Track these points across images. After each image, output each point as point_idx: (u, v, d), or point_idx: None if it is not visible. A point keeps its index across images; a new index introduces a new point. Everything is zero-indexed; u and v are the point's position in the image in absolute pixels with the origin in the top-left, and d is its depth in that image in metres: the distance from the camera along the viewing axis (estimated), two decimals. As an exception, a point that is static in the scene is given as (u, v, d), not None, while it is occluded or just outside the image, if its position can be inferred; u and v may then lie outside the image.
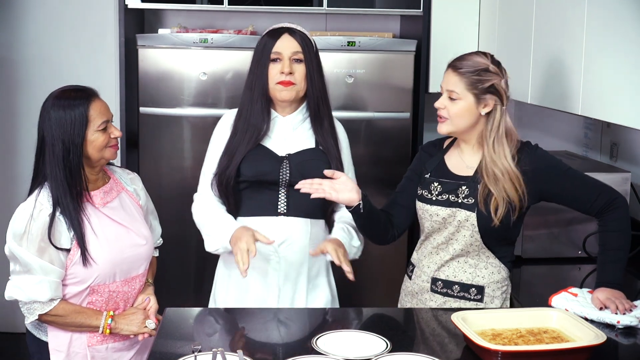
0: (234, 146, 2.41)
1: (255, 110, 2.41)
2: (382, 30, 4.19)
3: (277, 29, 2.43)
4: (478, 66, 2.25)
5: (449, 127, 2.31)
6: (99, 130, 2.22)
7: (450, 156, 2.40)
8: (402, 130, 3.76)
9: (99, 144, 2.22)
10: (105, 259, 2.23)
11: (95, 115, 2.21)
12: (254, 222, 2.38)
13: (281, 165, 2.40)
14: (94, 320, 2.24)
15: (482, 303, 2.35)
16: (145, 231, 2.39)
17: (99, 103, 2.25)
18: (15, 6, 4.19)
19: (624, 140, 3.08)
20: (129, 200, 2.39)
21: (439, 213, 2.32)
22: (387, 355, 1.87)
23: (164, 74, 3.67)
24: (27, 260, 2.15)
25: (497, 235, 2.30)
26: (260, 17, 4.16)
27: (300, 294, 2.43)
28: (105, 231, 2.26)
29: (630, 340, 2.04)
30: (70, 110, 2.18)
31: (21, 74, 4.24)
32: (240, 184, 2.42)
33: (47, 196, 2.19)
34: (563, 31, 2.66)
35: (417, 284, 2.42)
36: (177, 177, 3.74)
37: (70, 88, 2.26)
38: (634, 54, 2.18)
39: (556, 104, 2.72)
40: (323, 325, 2.15)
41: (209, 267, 3.83)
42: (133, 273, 2.32)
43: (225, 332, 2.10)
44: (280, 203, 2.40)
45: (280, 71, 2.37)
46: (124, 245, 2.28)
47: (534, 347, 1.87)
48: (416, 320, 2.21)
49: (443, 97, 2.30)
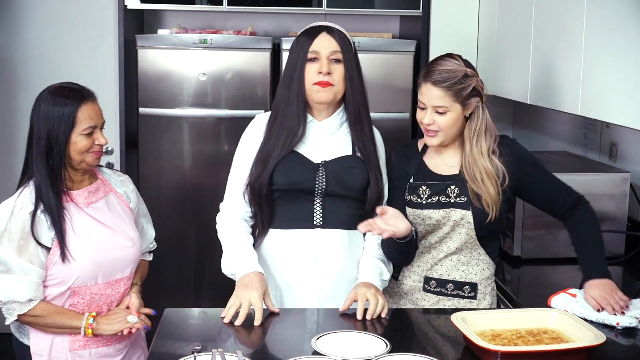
0: (268, 152, 2.28)
1: (290, 112, 2.28)
2: (382, 30, 4.20)
3: (315, 27, 2.31)
4: (457, 74, 2.23)
5: (441, 139, 2.29)
6: (83, 134, 2.19)
7: (429, 157, 2.39)
8: (402, 131, 3.76)
9: (80, 147, 2.19)
10: (85, 259, 2.19)
11: (83, 118, 2.18)
12: (289, 235, 2.29)
13: (317, 173, 2.28)
14: (75, 321, 2.19)
15: (476, 300, 2.35)
16: (133, 234, 2.33)
17: (91, 107, 2.22)
18: (15, 6, 4.19)
19: (623, 140, 3.08)
20: (117, 202, 2.35)
21: (432, 216, 2.31)
22: (387, 355, 1.87)
23: (163, 74, 3.67)
24: (6, 259, 2.13)
25: (491, 230, 2.32)
26: (259, 18, 4.16)
27: (339, 305, 2.28)
28: (88, 231, 2.22)
29: (629, 340, 2.04)
30: (59, 108, 2.16)
31: (21, 74, 4.24)
32: (273, 193, 2.29)
33: (30, 194, 2.17)
34: (562, 31, 2.66)
35: (406, 285, 2.41)
36: (177, 177, 3.74)
37: (67, 86, 2.24)
38: (633, 53, 2.18)
39: (555, 104, 2.72)
40: (323, 325, 2.15)
41: (208, 267, 3.84)
42: (117, 275, 2.28)
43: (224, 332, 2.09)
44: (316, 214, 2.29)
45: (317, 71, 2.25)
46: (107, 246, 2.24)
47: (533, 348, 1.87)
48: (416, 321, 2.21)
49: (430, 113, 2.26)
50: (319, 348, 1.90)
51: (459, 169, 2.33)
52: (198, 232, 3.81)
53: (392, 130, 3.75)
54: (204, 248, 3.84)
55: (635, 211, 2.90)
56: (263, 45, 3.68)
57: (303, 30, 2.34)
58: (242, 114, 3.69)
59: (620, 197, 2.84)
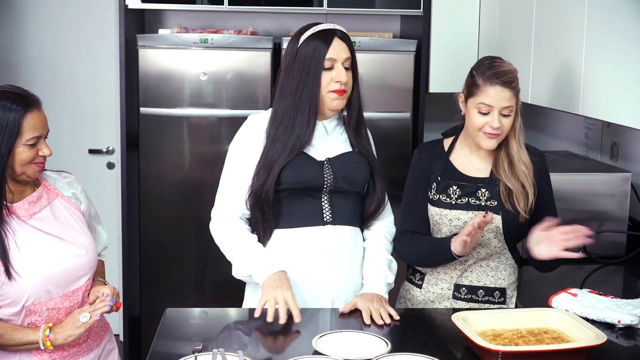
0: (272, 158, 2.23)
1: (301, 120, 2.22)
2: (382, 30, 4.19)
3: (326, 31, 2.24)
4: (516, 74, 2.24)
5: (499, 140, 2.27)
6: (27, 145, 2.03)
7: (455, 157, 2.36)
8: (402, 130, 3.76)
9: (23, 159, 2.03)
10: (34, 275, 2.03)
11: (28, 128, 2.02)
12: (300, 233, 2.27)
13: (323, 170, 2.27)
14: (31, 336, 2.03)
15: (505, 305, 2.34)
16: (85, 240, 2.17)
17: (36, 115, 2.05)
18: (16, 6, 4.19)
19: (625, 140, 3.08)
20: (65, 208, 2.18)
21: (460, 217, 2.29)
22: (388, 355, 1.87)
23: (164, 74, 3.67)
24: None
25: (518, 233, 2.30)
26: (260, 18, 4.16)
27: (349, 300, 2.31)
28: (33, 245, 2.06)
29: (630, 341, 2.04)
30: (2, 114, 2.00)
31: (21, 75, 4.24)
32: (280, 192, 2.25)
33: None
34: (563, 31, 2.66)
35: (433, 293, 2.38)
36: (178, 177, 3.74)
37: (10, 90, 2.06)
38: (634, 53, 2.18)
39: (557, 104, 2.72)
40: (324, 325, 2.15)
41: (209, 267, 3.84)
42: (73, 287, 2.12)
43: (225, 332, 2.09)
44: (325, 211, 2.28)
45: (336, 80, 2.21)
46: (58, 258, 2.08)
47: (534, 348, 1.87)
48: (416, 321, 2.21)
49: (497, 117, 2.21)
50: (320, 348, 1.90)
51: (489, 172, 2.31)
52: (199, 231, 3.81)
53: (392, 130, 3.75)
54: (204, 248, 3.84)
55: (636, 211, 2.89)
56: (264, 45, 3.68)
57: (310, 33, 2.25)
58: (243, 113, 3.68)
59: (621, 196, 2.84)
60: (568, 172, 2.87)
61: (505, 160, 2.28)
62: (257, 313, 2.08)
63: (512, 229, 2.27)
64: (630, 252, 2.82)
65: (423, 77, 3.76)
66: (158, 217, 3.76)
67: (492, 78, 2.20)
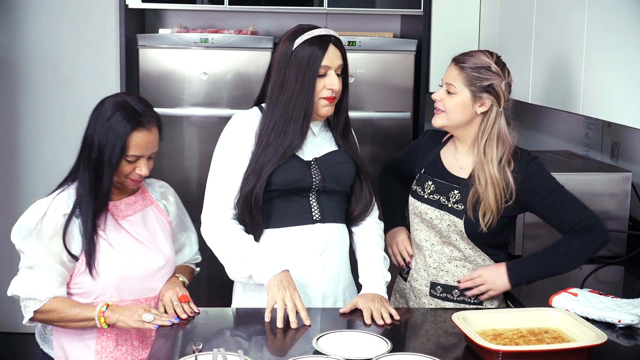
0: (262, 163, 2.22)
1: (294, 127, 2.21)
2: (383, 30, 4.19)
3: (322, 37, 2.22)
4: (480, 64, 2.25)
5: (444, 121, 2.31)
6: (127, 160, 2.12)
7: (446, 152, 2.40)
8: (403, 130, 3.76)
9: (121, 172, 2.14)
10: (111, 274, 2.14)
11: (131, 146, 2.11)
12: (290, 233, 2.28)
13: (311, 170, 2.28)
14: (89, 312, 2.10)
15: (482, 305, 2.35)
16: (167, 250, 2.26)
17: (143, 135, 2.12)
18: (16, 6, 4.19)
19: (625, 139, 3.08)
20: (156, 216, 2.28)
21: (427, 212, 2.34)
22: (388, 355, 1.87)
23: (164, 74, 3.67)
24: (31, 256, 2.09)
25: (487, 241, 2.31)
26: (260, 17, 4.16)
27: (338, 304, 2.35)
28: (119, 245, 2.17)
29: (630, 341, 2.04)
30: (115, 126, 2.09)
31: (22, 75, 4.24)
32: (269, 193, 2.25)
33: (68, 197, 2.14)
34: (564, 30, 2.65)
35: (414, 287, 2.43)
36: (178, 177, 3.74)
37: (132, 103, 2.14)
38: (635, 53, 2.18)
39: (557, 104, 2.72)
40: (324, 325, 2.14)
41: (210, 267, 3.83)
42: (146, 295, 2.21)
43: (225, 332, 2.09)
44: (314, 210, 2.30)
45: (328, 87, 2.21)
46: (136, 262, 2.18)
47: (534, 347, 1.87)
48: (417, 321, 2.21)
49: (441, 90, 2.31)
50: (320, 347, 1.90)
51: (469, 173, 2.32)
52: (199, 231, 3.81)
53: (392, 130, 3.75)
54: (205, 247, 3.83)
55: (636, 211, 2.89)
56: (264, 44, 3.68)
57: (305, 38, 2.21)
58: (243, 113, 3.69)
59: (621, 196, 2.83)
60: (568, 172, 2.87)
61: (476, 164, 2.29)
62: (267, 317, 2.10)
63: (477, 234, 2.28)
64: (631, 252, 2.81)
65: (423, 77, 3.76)
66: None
67: (453, 58, 2.34)
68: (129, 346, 2.20)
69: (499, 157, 2.25)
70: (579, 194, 2.72)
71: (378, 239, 2.38)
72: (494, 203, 2.24)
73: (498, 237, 2.31)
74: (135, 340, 2.21)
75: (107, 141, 2.09)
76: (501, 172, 2.25)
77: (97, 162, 2.11)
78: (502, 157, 2.26)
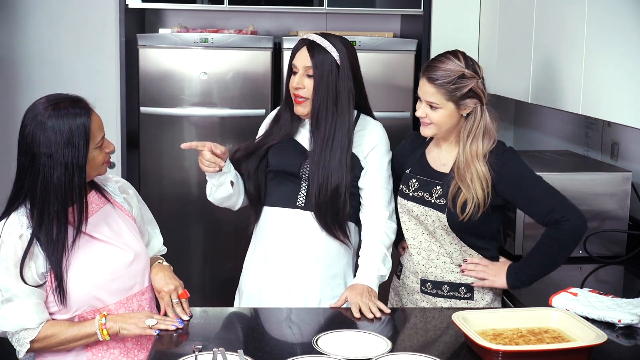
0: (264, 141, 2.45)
1: (285, 117, 2.45)
2: (383, 29, 4.20)
3: (301, 39, 2.40)
4: (453, 74, 2.23)
5: (433, 130, 2.32)
6: (98, 147, 1.99)
7: (430, 150, 2.42)
8: (403, 130, 3.75)
9: (97, 163, 2.01)
10: (83, 285, 2.00)
11: (95, 130, 1.97)
12: (274, 213, 2.41)
13: (305, 158, 2.39)
14: (88, 328, 1.99)
15: (473, 300, 2.36)
16: (136, 246, 2.12)
17: (97, 116, 2.00)
18: (16, 6, 4.19)
19: (625, 139, 3.08)
20: (117, 213, 2.14)
21: (413, 210, 2.36)
22: (388, 355, 1.87)
23: (164, 73, 3.67)
24: (5, 288, 1.95)
25: (473, 232, 2.32)
26: (260, 17, 4.16)
27: (313, 291, 2.39)
28: (84, 252, 2.02)
29: (630, 340, 2.04)
30: (70, 121, 1.93)
31: (21, 74, 4.24)
32: (269, 173, 2.44)
33: (17, 217, 1.97)
34: (563, 30, 2.66)
35: (407, 285, 2.45)
36: (178, 177, 3.74)
37: (64, 97, 1.99)
38: (634, 52, 2.18)
39: (557, 103, 2.72)
40: (324, 325, 2.15)
41: (210, 267, 3.84)
42: (127, 294, 2.09)
43: (225, 331, 2.09)
44: (300, 196, 2.39)
45: (292, 85, 2.38)
46: (107, 265, 2.04)
47: (534, 347, 1.87)
48: (417, 320, 2.21)
49: (424, 106, 2.29)
50: (320, 347, 1.90)
51: (450, 167, 2.33)
52: (200, 231, 3.82)
53: (392, 129, 3.72)
54: (205, 247, 3.84)
55: (636, 210, 2.89)
56: (264, 44, 3.68)
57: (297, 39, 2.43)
58: (243, 113, 3.69)
59: (621, 196, 2.83)
60: (568, 172, 2.87)
61: (459, 161, 2.30)
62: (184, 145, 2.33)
63: (461, 228, 2.30)
64: (631, 252, 2.81)
65: (423, 77, 3.76)
66: (158, 217, 3.73)
67: (423, 70, 2.32)
68: (122, 349, 2.10)
69: (485, 150, 2.28)
70: (579, 193, 2.73)
71: (382, 235, 2.39)
72: (482, 195, 2.26)
73: (483, 227, 2.32)
74: (129, 342, 2.11)
75: (66, 142, 1.92)
76: (486, 165, 2.27)
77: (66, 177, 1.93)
78: (487, 150, 2.28)
